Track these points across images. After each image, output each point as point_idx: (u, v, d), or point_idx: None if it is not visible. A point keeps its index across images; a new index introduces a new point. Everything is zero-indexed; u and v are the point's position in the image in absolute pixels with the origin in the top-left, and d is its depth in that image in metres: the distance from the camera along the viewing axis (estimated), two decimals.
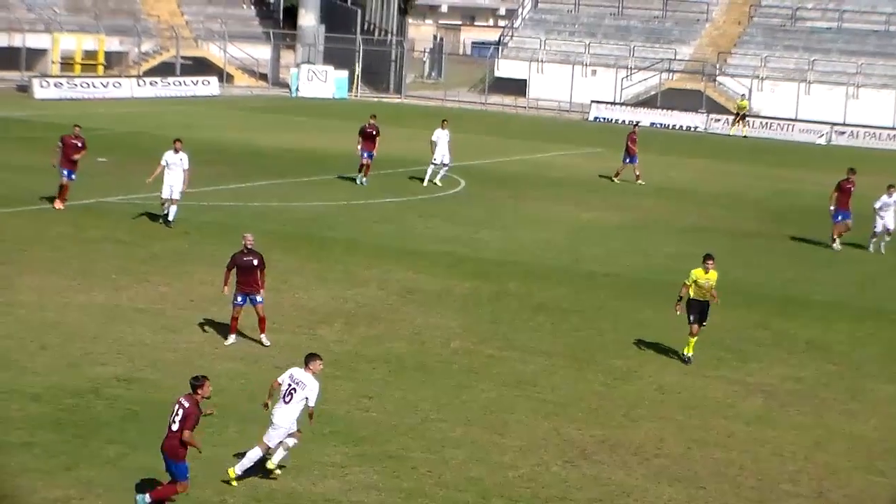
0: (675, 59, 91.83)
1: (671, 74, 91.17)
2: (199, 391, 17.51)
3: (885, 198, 40.89)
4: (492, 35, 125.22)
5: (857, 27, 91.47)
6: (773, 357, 27.52)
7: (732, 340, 28.57)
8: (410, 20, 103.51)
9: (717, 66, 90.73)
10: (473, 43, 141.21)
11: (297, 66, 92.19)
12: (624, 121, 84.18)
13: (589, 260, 37.06)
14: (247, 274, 25.50)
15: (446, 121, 50.05)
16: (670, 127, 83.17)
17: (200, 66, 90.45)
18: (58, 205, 38.76)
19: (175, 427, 17.34)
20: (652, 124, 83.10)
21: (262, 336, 25.91)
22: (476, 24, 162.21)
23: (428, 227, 40.66)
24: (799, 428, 23.03)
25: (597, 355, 26.78)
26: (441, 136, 48.69)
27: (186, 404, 17.39)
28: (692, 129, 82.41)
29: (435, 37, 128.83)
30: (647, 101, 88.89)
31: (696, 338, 26.58)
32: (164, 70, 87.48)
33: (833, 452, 21.82)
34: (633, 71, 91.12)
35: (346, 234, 38.41)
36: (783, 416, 23.68)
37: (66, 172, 38.76)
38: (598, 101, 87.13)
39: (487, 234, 39.89)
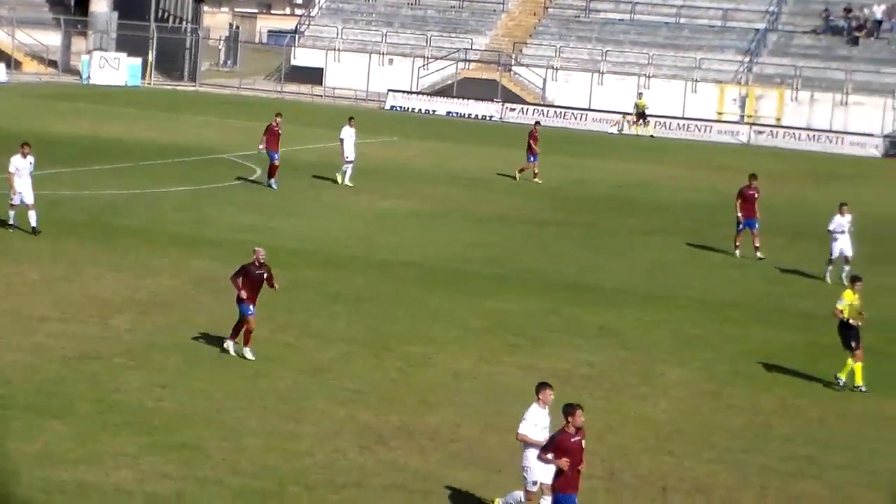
0: (471, 49, 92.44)
1: (467, 64, 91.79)
2: (570, 419, 16.72)
3: (837, 217, 36.21)
4: (288, 24, 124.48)
5: (649, 19, 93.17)
6: (566, 343, 27.90)
7: (526, 327, 28.89)
8: (206, 8, 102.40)
9: (513, 57, 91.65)
10: (270, 31, 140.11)
11: (89, 53, 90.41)
12: (420, 109, 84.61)
13: (385, 248, 37.12)
14: (255, 286, 25.23)
15: (353, 119, 49.72)
16: (466, 116, 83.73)
17: None
18: None
19: None
20: (448, 113, 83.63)
21: (247, 349, 25.15)
22: (272, 12, 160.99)
23: (223, 215, 40.27)
24: (591, 411, 23.25)
25: (392, 342, 26.84)
26: (348, 134, 48.36)
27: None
28: (488, 119, 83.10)
29: (231, 25, 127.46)
30: (443, 91, 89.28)
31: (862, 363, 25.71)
32: None
33: (624, 435, 22.23)
34: (429, 60, 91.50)
35: (140, 223, 37.85)
36: (576, 401, 23.91)
37: None
38: (394, 90, 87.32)
39: (283, 223, 39.68)
